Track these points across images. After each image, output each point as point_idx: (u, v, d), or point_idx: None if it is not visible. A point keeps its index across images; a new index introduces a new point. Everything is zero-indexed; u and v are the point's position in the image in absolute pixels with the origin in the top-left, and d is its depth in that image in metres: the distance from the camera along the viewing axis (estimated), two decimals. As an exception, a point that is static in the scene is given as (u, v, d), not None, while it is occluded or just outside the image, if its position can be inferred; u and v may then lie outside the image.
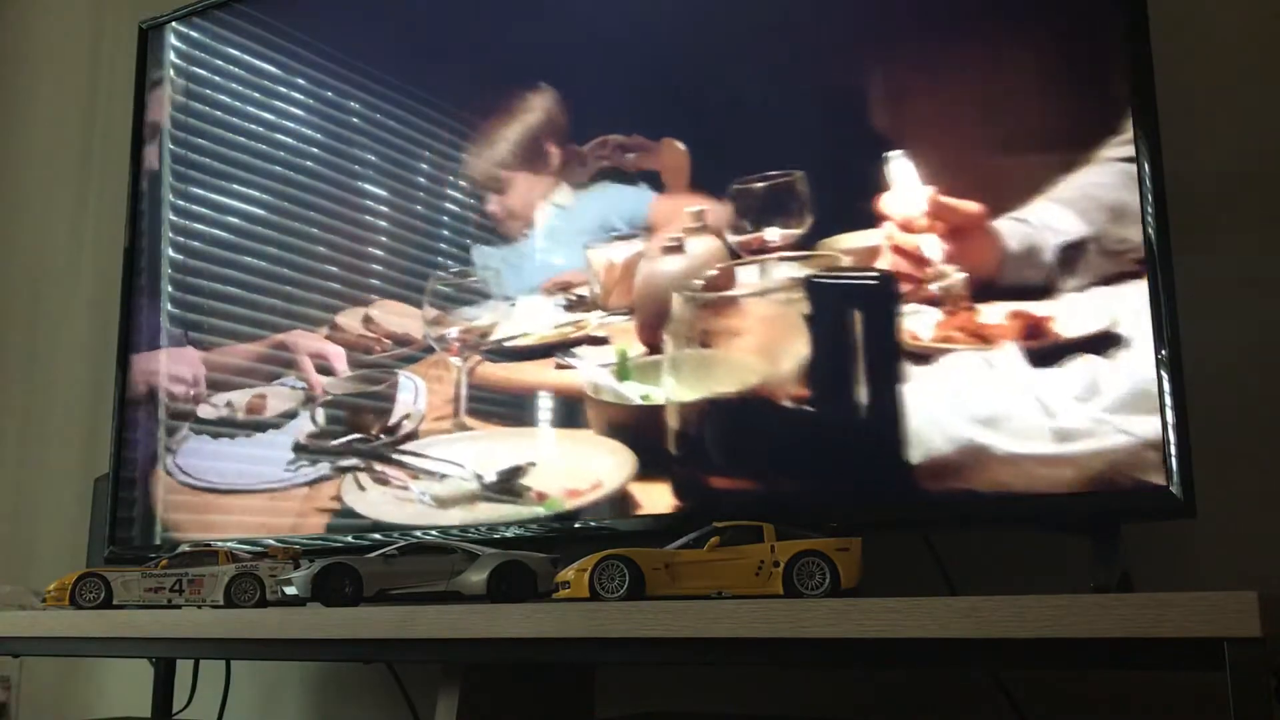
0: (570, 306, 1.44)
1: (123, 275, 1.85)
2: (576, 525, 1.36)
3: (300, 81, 1.71)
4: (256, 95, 1.76)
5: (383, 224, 1.62)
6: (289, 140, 1.71)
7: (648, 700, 1.53)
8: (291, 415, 1.66)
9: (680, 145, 1.38)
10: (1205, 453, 1.05)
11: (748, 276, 1.31)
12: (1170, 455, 1.02)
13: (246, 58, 1.78)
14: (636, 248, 1.40)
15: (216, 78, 1.81)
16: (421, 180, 1.59)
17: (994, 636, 0.82)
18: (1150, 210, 1.07)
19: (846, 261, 1.25)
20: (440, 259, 1.56)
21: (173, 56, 1.88)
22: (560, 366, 1.43)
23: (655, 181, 1.39)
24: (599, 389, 1.39)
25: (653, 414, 1.34)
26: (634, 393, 1.37)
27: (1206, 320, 1.25)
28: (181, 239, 1.81)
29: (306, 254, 1.68)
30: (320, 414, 1.63)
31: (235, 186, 1.76)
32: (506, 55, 1.53)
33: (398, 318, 1.58)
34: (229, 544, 1.49)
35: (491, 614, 1.04)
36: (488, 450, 1.46)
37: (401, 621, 1.09)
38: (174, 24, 1.88)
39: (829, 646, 0.89)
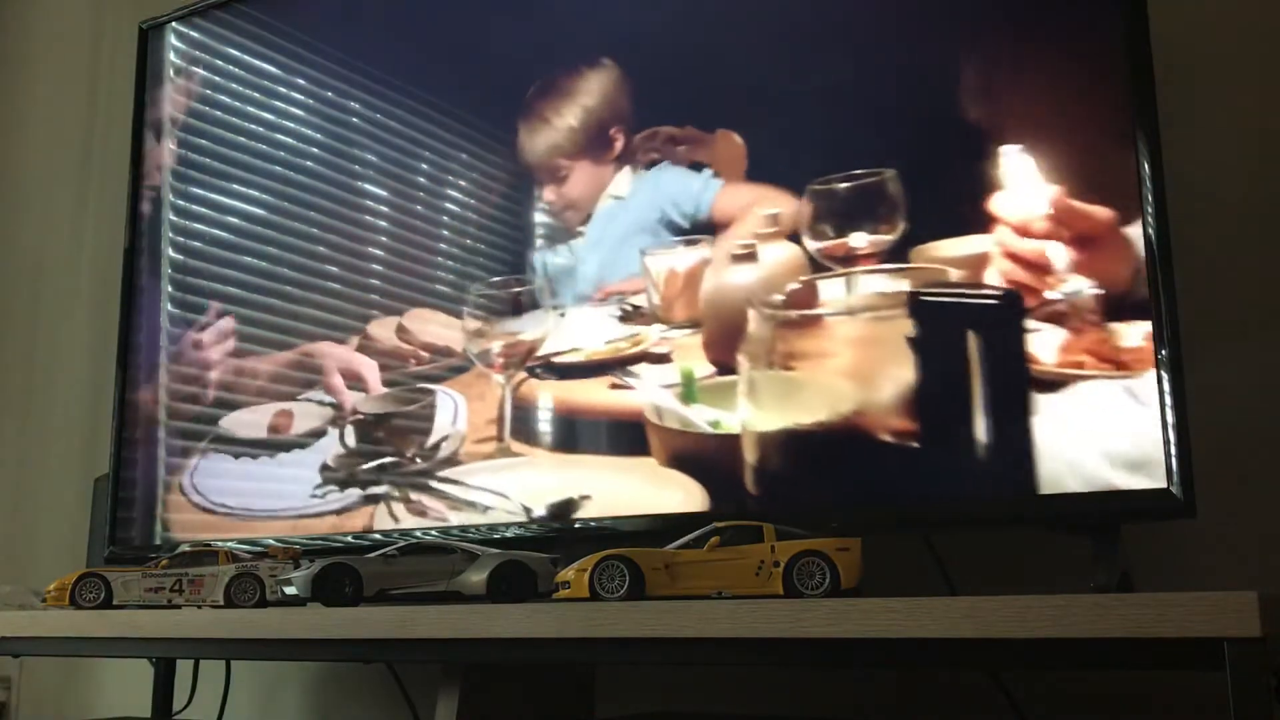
0: (626, 318, 1.31)
1: (123, 275, 1.85)
2: (576, 525, 1.35)
3: (301, 81, 1.71)
4: (257, 95, 1.76)
5: (407, 229, 1.55)
6: (290, 140, 1.71)
7: (648, 700, 1.53)
8: (318, 434, 1.55)
9: (737, 138, 1.25)
10: (1205, 453, 1.05)
11: (834, 290, 1.17)
12: (1170, 455, 1.02)
13: (247, 58, 1.78)
14: (702, 254, 1.27)
15: (217, 78, 1.81)
16: (463, 182, 1.49)
17: (994, 636, 0.82)
18: (1150, 209, 1.06)
19: (953, 274, 1.11)
20: (482, 265, 1.45)
21: (173, 57, 1.88)
22: (616, 386, 1.31)
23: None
24: (661, 413, 1.26)
25: (726, 444, 1.21)
26: (702, 418, 1.23)
27: (1208, 321, 1.25)
28: (183, 239, 1.81)
29: (334, 261, 1.61)
30: (350, 433, 1.52)
31: (236, 187, 1.76)
32: (511, 54, 1.52)
33: (435, 327, 1.47)
34: (229, 544, 1.49)
35: (491, 614, 1.04)
36: (535, 479, 1.33)
37: (401, 621, 1.08)
38: (174, 24, 1.88)
39: (829, 646, 0.89)
